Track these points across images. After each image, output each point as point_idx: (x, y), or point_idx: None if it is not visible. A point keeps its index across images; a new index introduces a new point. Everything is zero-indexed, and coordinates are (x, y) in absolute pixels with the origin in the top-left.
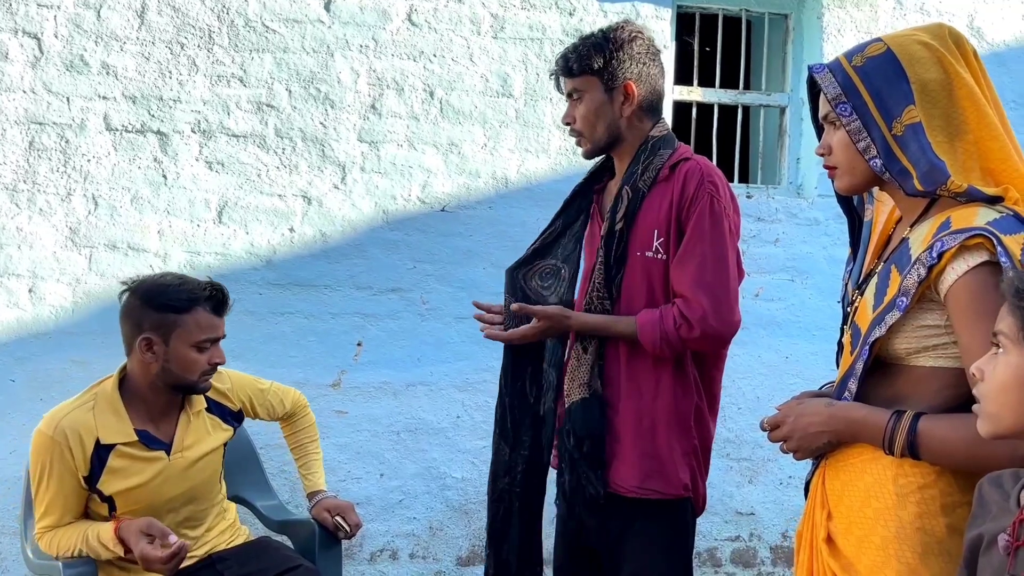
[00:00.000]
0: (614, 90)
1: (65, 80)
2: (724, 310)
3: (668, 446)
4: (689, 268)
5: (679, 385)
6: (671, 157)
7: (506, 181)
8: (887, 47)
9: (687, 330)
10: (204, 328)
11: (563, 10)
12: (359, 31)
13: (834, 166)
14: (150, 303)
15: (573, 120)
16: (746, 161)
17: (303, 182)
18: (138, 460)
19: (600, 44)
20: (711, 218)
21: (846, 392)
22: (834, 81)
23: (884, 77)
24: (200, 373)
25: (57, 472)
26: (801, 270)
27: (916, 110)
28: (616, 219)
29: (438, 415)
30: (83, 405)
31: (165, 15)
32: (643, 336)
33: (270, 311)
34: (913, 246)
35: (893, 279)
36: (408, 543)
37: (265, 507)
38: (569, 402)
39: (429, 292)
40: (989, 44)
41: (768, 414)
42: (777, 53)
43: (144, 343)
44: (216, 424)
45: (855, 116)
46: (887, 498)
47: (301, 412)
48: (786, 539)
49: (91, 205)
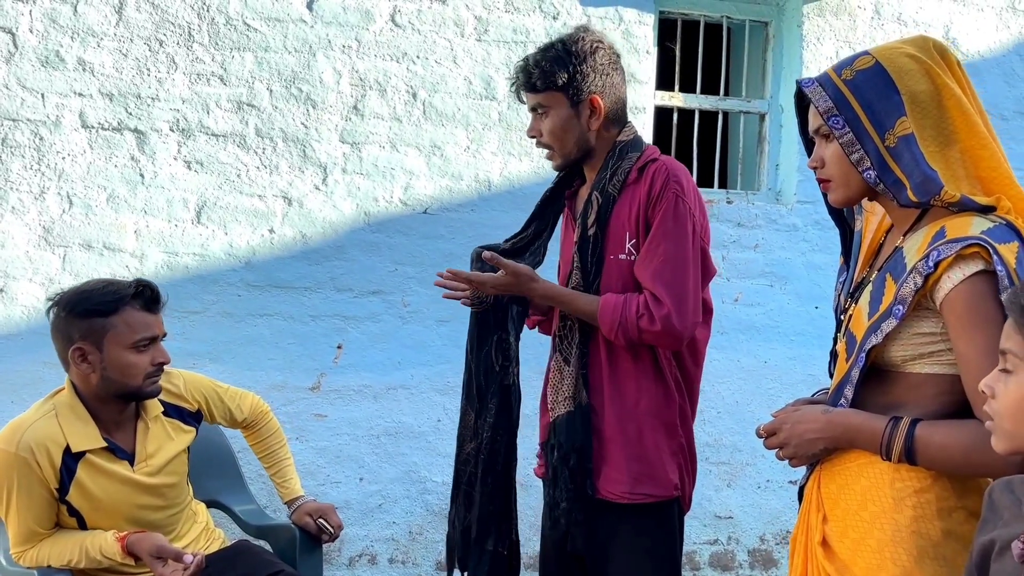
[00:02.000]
0: (580, 104)
1: (40, 76)
2: (684, 309)
3: (656, 447)
4: (652, 266)
5: (660, 386)
6: (638, 160)
7: (489, 184)
8: (876, 60)
9: (648, 322)
10: (137, 327)
11: (547, 13)
12: (342, 31)
13: (828, 179)
14: (75, 311)
15: (539, 134)
16: (726, 167)
17: (283, 183)
18: (104, 472)
19: (562, 58)
20: (675, 218)
21: (842, 399)
22: (824, 95)
23: (875, 90)
24: (144, 376)
25: (26, 488)
26: (780, 275)
27: (908, 121)
28: (588, 224)
29: (418, 419)
30: (45, 416)
31: (144, 11)
32: (602, 317)
33: (249, 313)
34: (908, 255)
35: (888, 287)
36: (387, 548)
37: (243, 512)
38: (554, 416)
39: (410, 295)
40: (964, 54)
41: (745, 418)
42: (757, 60)
43: (77, 354)
44: (176, 427)
45: (847, 129)
46: (884, 501)
47: (263, 419)
48: (764, 542)
49: (65, 204)
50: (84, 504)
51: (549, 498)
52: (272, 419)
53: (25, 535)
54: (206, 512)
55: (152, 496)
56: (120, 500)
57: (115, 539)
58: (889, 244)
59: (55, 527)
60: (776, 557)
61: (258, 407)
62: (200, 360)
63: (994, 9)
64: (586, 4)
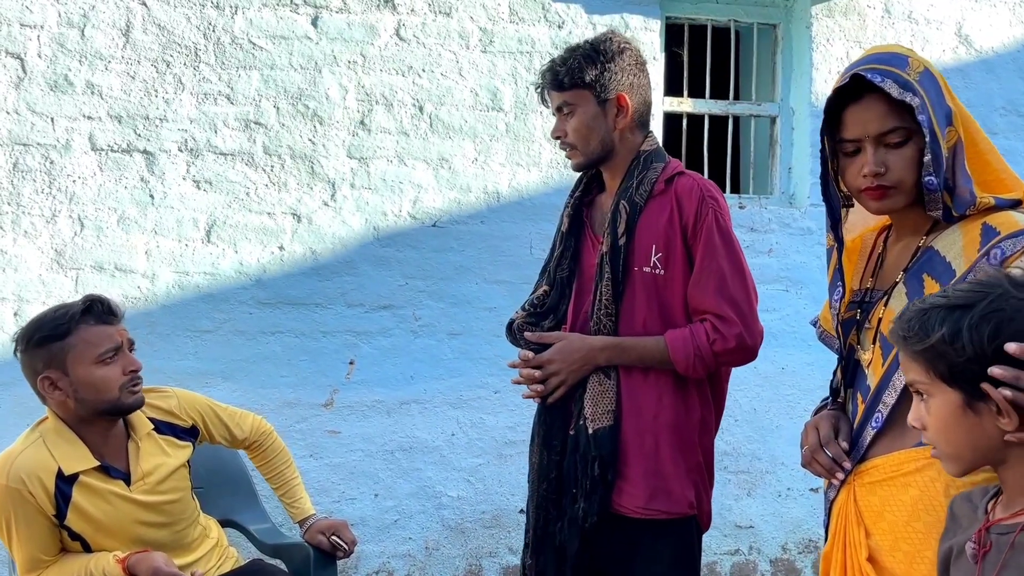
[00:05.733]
0: (607, 102)
1: (49, 100)
2: (752, 323)
3: (673, 463)
4: (711, 285)
5: (680, 400)
6: (664, 171)
7: (497, 195)
8: (924, 65)
9: (722, 344)
10: (95, 342)
11: (552, 23)
12: (347, 47)
13: (892, 185)
14: (32, 343)
15: (564, 134)
16: (737, 171)
17: (292, 199)
18: (101, 493)
19: (591, 56)
20: (720, 233)
21: (880, 405)
22: (906, 92)
23: (935, 93)
24: (119, 387)
25: (24, 518)
26: (795, 280)
27: (955, 131)
28: (619, 234)
29: (432, 433)
30: (32, 444)
31: (151, 33)
32: (675, 355)
33: (260, 330)
34: (948, 254)
35: (929, 287)
36: (404, 564)
37: (258, 530)
38: (594, 428)
39: (421, 308)
40: (977, 51)
41: (764, 426)
42: (766, 63)
43: (46, 383)
44: (171, 443)
45: (927, 128)
46: (939, 511)
47: (266, 439)
48: (786, 551)
49: (77, 226)
50: (85, 527)
51: (569, 509)
52: (276, 439)
53: (31, 564)
54: (219, 528)
55: (153, 514)
56: (120, 520)
57: (116, 561)
58: (903, 247)
59: (61, 551)
60: (799, 566)
61: (260, 427)
62: (212, 379)
63: (1007, 4)
64: (591, 12)
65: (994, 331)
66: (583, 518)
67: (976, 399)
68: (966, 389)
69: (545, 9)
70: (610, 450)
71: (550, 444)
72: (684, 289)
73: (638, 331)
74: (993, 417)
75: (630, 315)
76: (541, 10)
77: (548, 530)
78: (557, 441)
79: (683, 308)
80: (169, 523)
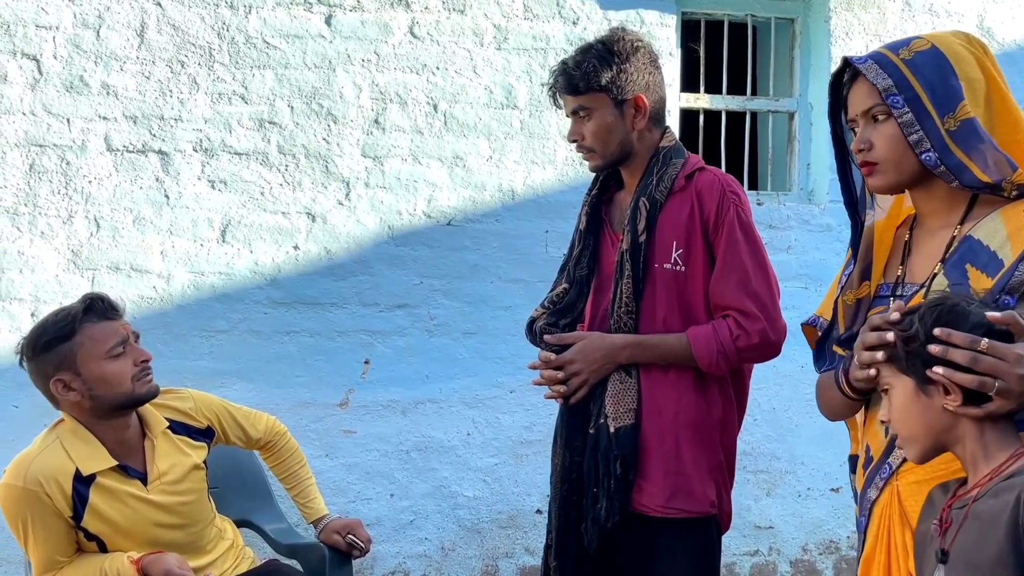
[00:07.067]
0: (624, 104)
1: (65, 101)
2: (776, 318)
3: (694, 462)
4: (733, 280)
5: (701, 398)
6: (684, 167)
7: (512, 193)
8: (932, 44)
9: (746, 340)
10: (102, 338)
11: (566, 19)
12: (361, 45)
13: (876, 161)
14: (39, 349)
15: (581, 137)
16: (755, 168)
17: (307, 199)
18: (118, 494)
19: (605, 58)
20: (742, 229)
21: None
22: (882, 72)
23: (936, 72)
24: (131, 378)
25: (40, 520)
26: (815, 277)
27: (968, 106)
28: (639, 231)
29: (448, 433)
30: (49, 446)
31: (165, 33)
32: (697, 352)
33: (275, 330)
34: (991, 242)
35: (974, 278)
36: (420, 564)
37: (274, 531)
38: (616, 427)
39: (436, 308)
40: (999, 44)
41: (784, 425)
42: (784, 58)
43: (60, 385)
44: (186, 443)
45: (907, 108)
46: None
47: (281, 439)
48: (806, 552)
49: (93, 227)
50: (102, 528)
51: (589, 507)
52: (290, 439)
53: (46, 564)
54: (234, 529)
55: (169, 515)
56: (137, 521)
57: (130, 562)
58: (933, 237)
59: (77, 552)
60: (820, 567)
61: (273, 427)
62: (228, 379)
63: None
64: (606, 8)
65: (936, 318)
66: (605, 518)
67: (926, 383)
68: (917, 374)
69: (560, 5)
70: (632, 449)
71: (573, 445)
72: (705, 286)
73: (658, 328)
74: (942, 397)
75: (651, 312)
76: (555, 6)
77: (571, 531)
78: (579, 442)
79: (704, 305)
80: (185, 524)
